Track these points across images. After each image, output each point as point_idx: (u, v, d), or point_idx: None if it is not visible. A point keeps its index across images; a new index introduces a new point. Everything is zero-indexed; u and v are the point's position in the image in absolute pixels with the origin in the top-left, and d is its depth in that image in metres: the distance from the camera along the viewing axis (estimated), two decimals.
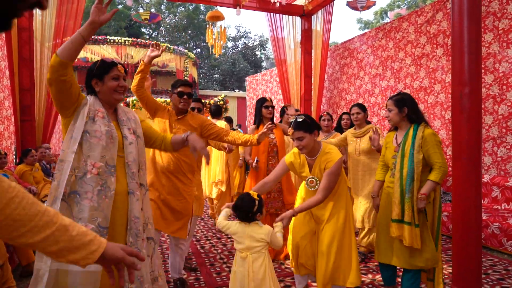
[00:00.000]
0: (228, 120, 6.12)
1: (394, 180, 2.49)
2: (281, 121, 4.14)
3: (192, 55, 14.80)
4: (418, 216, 2.37)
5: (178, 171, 2.69)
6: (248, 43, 27.39)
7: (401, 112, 2.50)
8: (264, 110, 3.63)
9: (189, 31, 25.12)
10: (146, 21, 8.10)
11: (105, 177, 1.62)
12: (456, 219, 2.64)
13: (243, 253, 2.02)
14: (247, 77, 12.61)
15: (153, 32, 25.31)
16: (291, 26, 7.19)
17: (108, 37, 12.67)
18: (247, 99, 12.17)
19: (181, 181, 2.72)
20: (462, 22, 2.56)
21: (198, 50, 26.03)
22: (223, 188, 4.63)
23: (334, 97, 7.66)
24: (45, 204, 1.62)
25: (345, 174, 2.56)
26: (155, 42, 2.73)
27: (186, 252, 2.99)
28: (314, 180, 2.37)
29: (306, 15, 7.05)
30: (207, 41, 6.57)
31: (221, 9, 19.86)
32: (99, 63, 1.76)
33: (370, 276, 3.15)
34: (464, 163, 2.56)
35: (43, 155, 5.06)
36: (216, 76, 26.54)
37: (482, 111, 2.77)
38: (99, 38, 12.23)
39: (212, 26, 6.51)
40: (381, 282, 3.00)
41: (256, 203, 2.05)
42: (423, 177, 2.41)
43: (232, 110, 16.73)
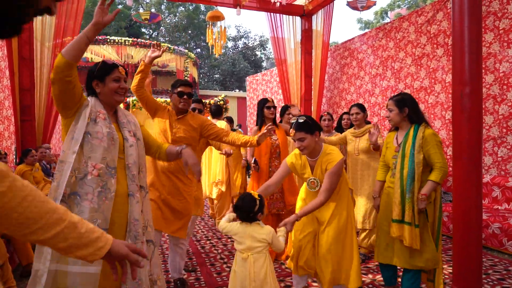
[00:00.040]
0: (229, 120, 6.14)
1: (394, 180, 2.49)
2: (281, 121, 4.13)
3: (192, 55, 14.81)
4: (418, 217, 2.36)
5: (178, 170, 2.69)
6: (248, 43, 27.40)
7: (401, 112, 2.50)
8: (266, 111, 3.63)
9: (189, 31, 25.12)
10: (146, 21, 8.10)
11: (105, 178, 1.62)
12: (456, 219, 2.64)
13: (244, 254, 2.01)
14: (247, 77, 12.60)
15: (153, 32, 25.31)
16: (291, 26, 7.18)
17: (108, 37, 12.67)
18: (247, 99, 12.16)
19: (181, 180, 2.72)
20: (463, 22, 2.56)
21: (198, 50, 26.03)
22: (223, 188, 4.63)
23: (335, 97, 7.66)
24: None
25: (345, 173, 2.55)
26: (156, 43, 2.73)
27: (185, 252, 2.99)
28: (315, 181, 2.37)
29: (306, 15, 7.05)
30: (207, 41, 6.57)
31: (221, 9, 19.86)
32: (100, 64, 1.76)
33: (371, 276, 3.15)
34: (465, 163, 2.56)
35: (43, 155, 5.06)
36: (216, 76, 26.54)
37: (482, 111, 2.77)
38: (99, 38, 12.22)
39: (212, 26, 6.50)
40: (382, 282, 3.00)
41: (257, 202, 2.04)
42: (423, 177, 2.40)
43: (232, 110, 16.73)
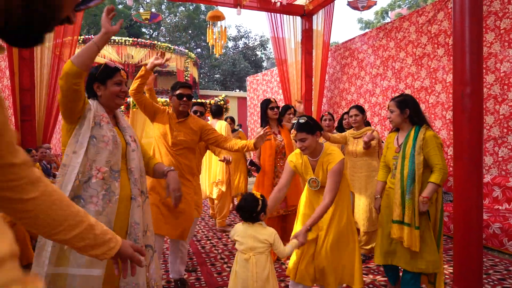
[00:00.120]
0: (232, 120, 6.22)
1: (395, 181, 2.48)
2: (281, 121, 4.13)
3: (193, 55, 14.80)
4: (419, 219, 2.36)
5: (179, 173, 2.67)
6: (248, 43, 27.39)
7: (403, 113, 2.50)
8: (270, 111, 3.64)
9: (190, 31, 25.11)
10: (147, 21, 8.09)
11: (109, 182, 1.63)
12: (457, 219, 2.63)
13: (246, 254, 2.00)
14: (247, 77, 12.60)
15: (153, 32, 25.30)
16: (292, 26, 7.18)
17: None
18: (248, 99, 12.15)
19: (182, 183, 2.70)
20: (464, 22, 2.55)
21: (199, 50, 26.02)
22: (223, 188, 4.64)
23: (335, 97, 7.65)
24: None
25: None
26: (161, 51, 2.74)
27: (186, 255, 3.00)
28: (316, 181, 2.37)
29: (306, 15, 7.04)
30: (207, 41, 6.55)
31: (221, 9, 19.87)
32: (102, 67, 1.76)
33: (371, 276, 3.15)
34: (466, 163, 2.56)
35: (43, 155, 5.06)
36: (217, 76, 26.53)
37: (483, 111, 2.76)
38: None
39: (213, 26, 6.49)
40: (382, 282, 3.00)
41: (259, 202, 2.04)
42: (424, 178, 2.40)
43: (232, 110, 16.72)
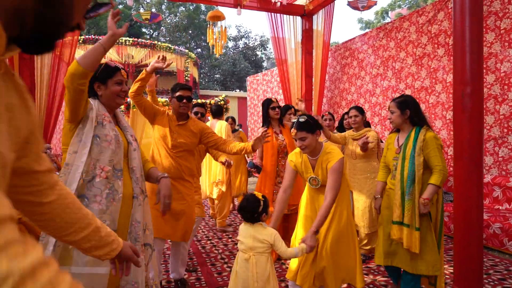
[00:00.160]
0: (234, 120, 6.28)
1: (395, 182, 2.48)
2: (282, 121, 4.14)
3: (193, 55, 14.79)
4: (420, 220, 2.36)
5: (179, 175, 2.68)
6: (248, 43, 27.39)
7: (403, 114, 2.50)
8: (271, 111, 3.65)
9: (190, 31, 25.11)
10: (147, 21, 8.08)
11: (112, 180, 1.64)
12: (457, 219, 2.63)
13: (246, 254, 2.01)
14: (247, 77, 12.60)
15: (153, 32, 25.30)
16: (292, 26, 7.17)
17: None
18: (248, 99, 12.15)
19: (182, 184, 2.71)
20: (464, 22, 2.55)
21: (199, 50, 26.02)
22: (224, 188, 4.64)
23: (335, 97, 7.65)
24: None
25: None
26: (163, 55, 2.74)
27: (187, 256, 3.01)
28: (316, 180, 2.38)
29: (307, 15, 7.04)
30: (207, 41, 6.55)
31: (221, 9, 19.85)
32: (102, 67, 1.77)
33: (371, 276, 3.14)
34: (466, 163, 2.56)
35: None
36: (217, 76, 26.53)
37: (483, 111, 2.76)
38: (100, 38, 12.20)
39: (213, 26, 6.49)
40: (382, 283, 3.00)
41: (261, 203, 2.05)
42: (424, 179, 2.40)
43: (233, 110, 16.72)
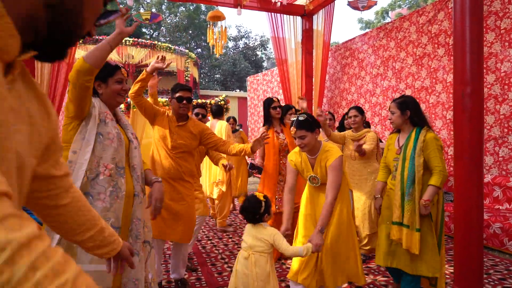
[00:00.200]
0: (235, 120, 6.30)
1: (395, 182, 2.49)
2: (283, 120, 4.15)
3: (193, 55, 14.79)
4: (421, 221, 2.35)
5: (179, 175, 2.68)
6: (249, 43, 27.39)
7: (403, 114, 2.50)
8: (272, 111, 3.66)
9: (190, 31, 25.11)
10: (147, 21, 8.06)
11: (115, 178, 1.65)
12: (458, 219, 2.64)
13: (246, 252, 2.02)
14: (248, 77, 12.60)
15: (154, 32, 25.30)
16: (292, 26, 7.17)
17: None
18: (248, 99, 12.15)
19: (182, 185, 2.71)
20: (464, 22, 2.55)
21: (199, 50, 26.02)
22: (224, 188, 4.64)
23: (335, 97, 7.65)
24: None
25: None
26: (163, 56, 2.74)
27: (187, 257, 3.01)
28: (316, 178, 2.38)
29: (307, 15, 7.04)
30: (208, 41, 6.55)
31: (222, 9, 19.87)
32: (103, 65, 1.77)
33: (372, 276, 3.15)
34: (466, 163, 2.56)
35: None
36: (217, 76, 26.54)
37: (483, 110, 2.76)
38: (100, 38, 12.23)
39: (213, 26, 6.48)
40: (383, 282, 3.00)
41: (262, 204, 2.05)
42: (424, 180, 2.40)
43: (233, 110, 16.73)
